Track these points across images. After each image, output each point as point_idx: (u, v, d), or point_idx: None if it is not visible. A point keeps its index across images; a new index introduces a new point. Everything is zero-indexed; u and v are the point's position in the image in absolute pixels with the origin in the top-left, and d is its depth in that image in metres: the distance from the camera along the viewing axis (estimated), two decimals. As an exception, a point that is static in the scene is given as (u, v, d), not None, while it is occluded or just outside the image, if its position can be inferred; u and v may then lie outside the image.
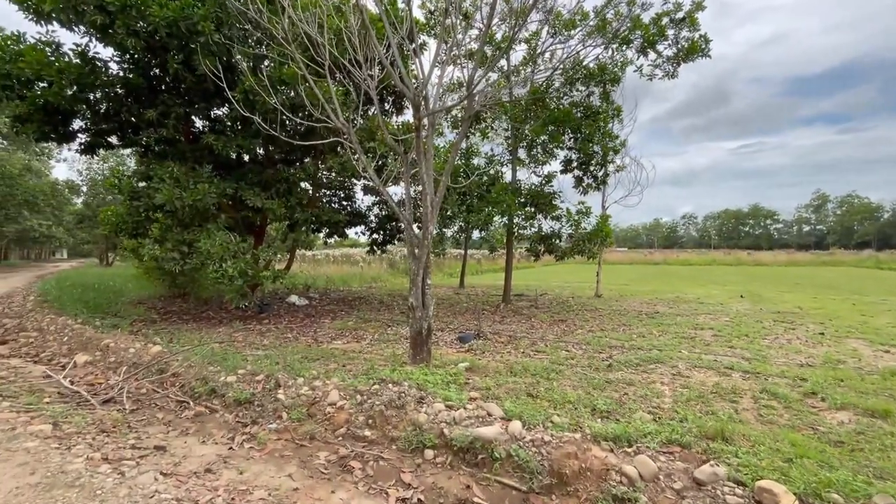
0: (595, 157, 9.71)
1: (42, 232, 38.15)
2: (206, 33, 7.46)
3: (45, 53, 7.92)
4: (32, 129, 8.53)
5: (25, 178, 28.91)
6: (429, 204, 4.91)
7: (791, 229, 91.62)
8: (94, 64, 8.09)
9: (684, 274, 25.29)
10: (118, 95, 8.59)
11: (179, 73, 7.82)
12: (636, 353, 5.78)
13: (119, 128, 9.30)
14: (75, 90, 8.08)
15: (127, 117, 8.87)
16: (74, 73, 7.81)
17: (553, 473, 2.66)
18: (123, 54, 8.19)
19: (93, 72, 8.05)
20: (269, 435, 3.51)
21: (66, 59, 8.05)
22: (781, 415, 3.70)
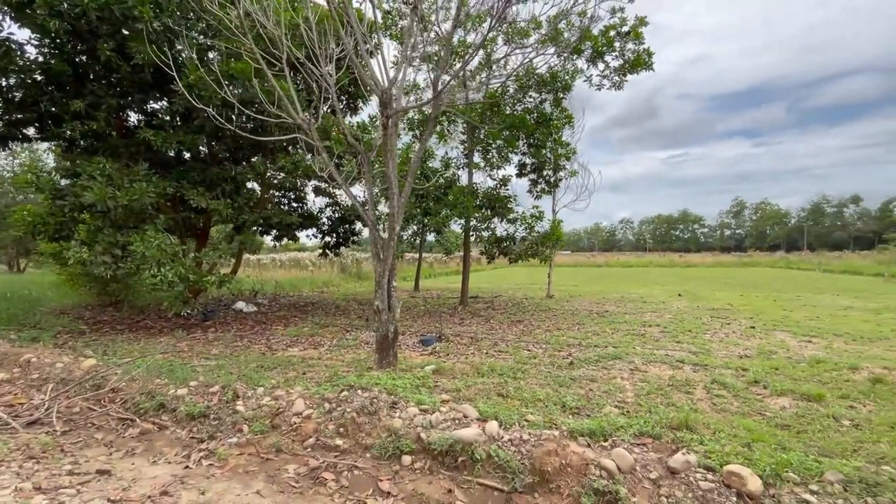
0: (548, 162, 10.02)
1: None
2: (144, 19, 6.90)
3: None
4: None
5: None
6: (395, 204, 4.81)
7: (715, 233, 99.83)
8: (7, 46, 7.23)
9: (625, 275, 26.77)
10: (37, 83, 7.75)
11: (112, 62, 7.17)
12: (594, 351, 6.00)
13: (38, 119, 8.37)
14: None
15: (48, 107, 8.01)
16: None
17: (535, 471, 2.67)
18: (44, 37, 7.38)
19: (6, 55, 7.20)
20: (229, 450, 3.25)
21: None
22: (731, 403, 3.97)
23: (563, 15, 9.36)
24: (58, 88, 7.95)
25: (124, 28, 7.08)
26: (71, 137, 8.20)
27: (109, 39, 7.08)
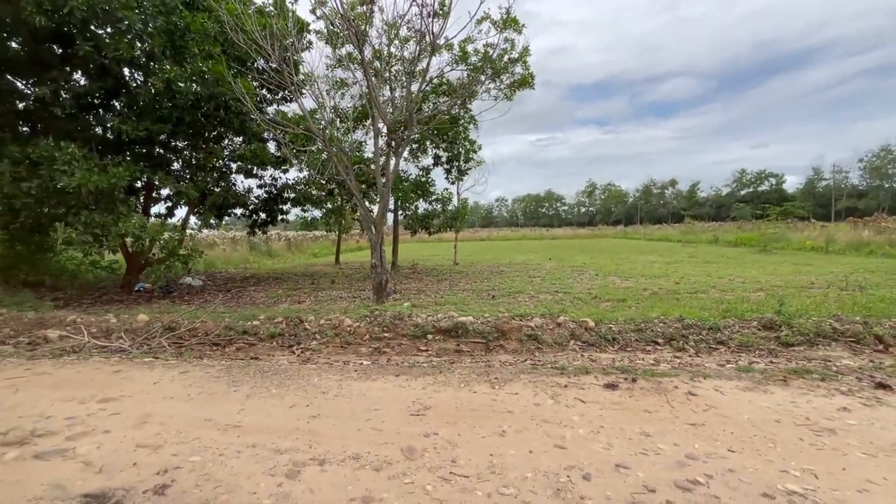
0: (460, 155, 12.82)
1: None
2: (129, 20, 7.75)
3: None
4: None
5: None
6: (385, 196, 7.06)
7: (573, 210, 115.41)
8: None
9: (506, 247, 31.51)
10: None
11: (89, 56, 7.84)
12: (504, 291, 9.03)
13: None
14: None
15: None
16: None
17: (498, 332, 5.41)
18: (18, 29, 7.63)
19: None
20: (317, 347, 5.37)
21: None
22: (584, 304, 7.24)
23: (470, 41, 12.09)
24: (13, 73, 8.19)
25: (108, 27, 7.77)
26: (28, 118, 8.48)
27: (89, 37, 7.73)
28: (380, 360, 4.74)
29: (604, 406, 3.16)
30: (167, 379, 3.91)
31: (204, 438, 2.75)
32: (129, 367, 4.31)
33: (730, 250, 20.15)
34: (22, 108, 9.14)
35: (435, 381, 3.69)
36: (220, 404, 3.30)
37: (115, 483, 2.29)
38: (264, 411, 3.15)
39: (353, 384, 3.67)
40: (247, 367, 4.21)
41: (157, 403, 3.35)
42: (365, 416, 3.05)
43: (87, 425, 2.97)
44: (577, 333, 5.38)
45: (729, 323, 5.44)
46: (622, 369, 3.93)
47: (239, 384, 3.71)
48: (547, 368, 4.05)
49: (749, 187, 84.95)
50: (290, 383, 3.70)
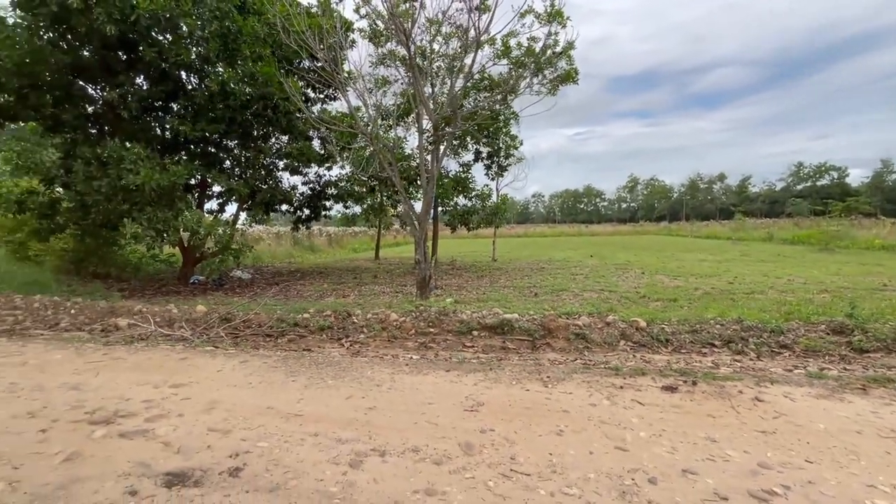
0: (501, 150, 12.71)
1: None
2: (188, 26, 8.15)
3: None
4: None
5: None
6: (429, 195, 7.11)
7: (613, 206, 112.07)
8: (48, 41, 8.01)
9: (544, 243, 31.04)
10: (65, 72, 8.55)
11: (153, 61, 8.31)
12: (546, 289, 8.91)
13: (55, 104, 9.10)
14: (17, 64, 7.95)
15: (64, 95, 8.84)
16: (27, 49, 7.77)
17: (545, 329, 5.34)
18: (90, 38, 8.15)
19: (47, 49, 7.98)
20: (365, 340, 5.49)
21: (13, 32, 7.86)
22: (632, 303, 7.03)
23: (513, 35, 11.93)
24: (85, 79, 8.80)
25: (168, 33, 8.21)
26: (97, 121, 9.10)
27: (153, 44, 8.19)
28: (427, 356, 4.79)
29: (663, 409, 3.05)
30: (229, 367, 4.11)
31: (268, 426, 2.87)
32: (193, 355, 4.57)
33: (787, 248, 18.99)
34: (91, 112, 9.83)
35: (486, 378, 3.69)
36: (280, 393, 3.43)
37: (193, 463, 2.43)
38: (322, 401, 3.25)
39: (406, 378, 3.72)
40: (301, 359, 4.37)
41: (222, 390, 3.53)
42: (420, 409, 3.09)
43: (162, 408, 3.16)
44: (627, 333, 5.23)
45: (793, 326, 5.13)
46: (680, 371, 3.78)
47: (296, 374, 3.85)
48: (600, 368, 3.96)
49: (807, 181, 79.60)
50: (344, 375, 3.80)
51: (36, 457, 2.53)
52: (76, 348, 4.88)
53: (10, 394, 3.50)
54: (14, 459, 2.51)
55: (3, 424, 2.95)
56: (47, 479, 2.31)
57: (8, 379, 3.85)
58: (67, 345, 5.05)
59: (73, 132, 9.64)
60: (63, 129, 9.65)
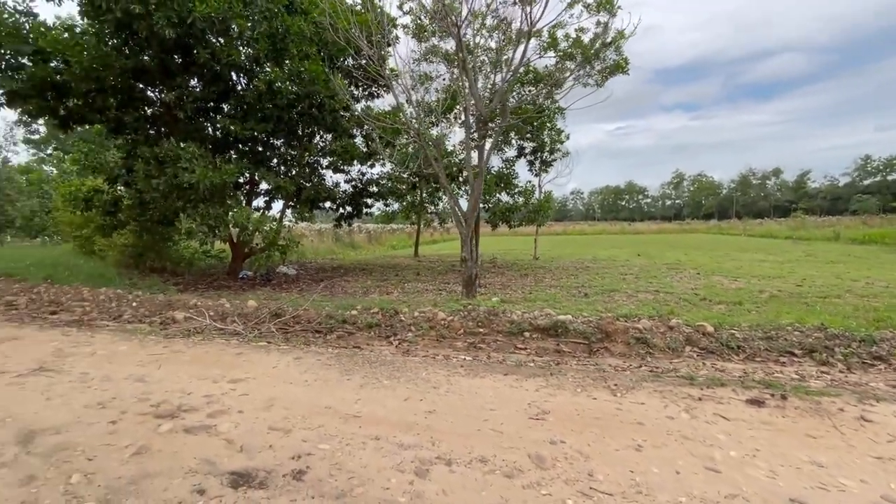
0: (546, 145, 12.35)
1: None
2: (239, 27, 8.33)
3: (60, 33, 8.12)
4: (31, 106, 8.60)
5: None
6: (476, 192, 6.94)
7: (657, 203, 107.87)
8: (112, 47, 8.41)
9: (585, 241, 30.16)
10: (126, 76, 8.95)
11: (206, 63, 8.55)
12: (596, 289, 8.54)
13: (118, 106, 9.55)
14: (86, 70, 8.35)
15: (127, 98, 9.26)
16: (94, 54, 8.16)
17: (602, 332, 5.06)
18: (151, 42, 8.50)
19: (112, 54, 8.38)
20: (413, 339, 5.40)
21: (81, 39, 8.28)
22: (693, 306, 6.59)
23: (560, 26, 11.54)
24: (145, 82, 9.18)
25: (221, 35, 8.44)
26: (156, 121, 9.49)
27: (205, 46, 8.44)
28: (479, 357, 4.63)
29: (752, 425, 2.76)
30: (283, 364, 4.12)
31: (328, 426, 2.80)
32: (248, 351, 4.62)
33: (856, 248, 17.52)
34: (150, 114, 10.28)
35: (547, 384, 3.49)
36: (336, 392, 3.38)
37: (256, 463, 2.39)
38: (379, 402, 3.16)
39: (462, 380, 3.58)
40: (354, 357, 4.32)
41: (279, 387, 3.51)
42: (481, 415, 2.94)
43: (222, 404, 3.17)
44: (693, 339, 4.87)
45: (886, 335, 4.61)
46: (763, 383, 3.44)
47: (350, 373, 3.79)
48: (670, 377, 3.67)
49: (875, 176, 73.45)
50: (399, 375, 3.71)
51: (107, 449, 2.56)
52: (139, 340, 5.06)
53: (82, 383, 3.63)
54: (88, 450, 2.55)
55: (77, 414, 3.04)
56: (119, 472, 2.33)
57: (79, 368, 4.01)
58: (131, 336, 5.25)
59: (134, 133, 10.12)
60: (125, 130, 10.16)
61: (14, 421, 2.97)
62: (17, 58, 8.28)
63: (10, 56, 8.18)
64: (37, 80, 8.10)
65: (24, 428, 2.85)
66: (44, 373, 3.92)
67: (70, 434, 2.76)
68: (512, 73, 7.34)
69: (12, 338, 5.31)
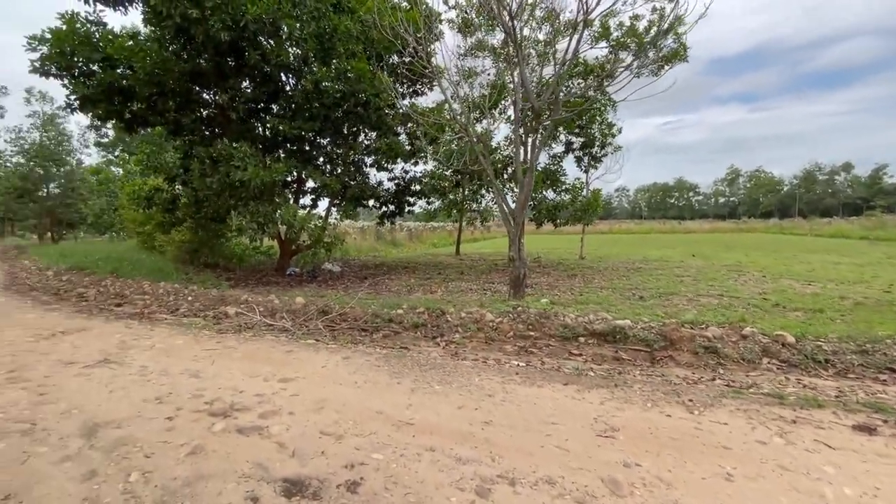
0: (596, 140, 11.82)
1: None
2: (288, 27, 8.45)
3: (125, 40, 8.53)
4: (100, 110, 9.07)
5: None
6: (526, 189, 6.67)
7: (709, 201, 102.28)
8: (172, 52, 8.77)
9: (633, 240, 28.93)
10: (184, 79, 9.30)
11: (257, 64, 8.74)
12: (651, 292, 8.03)
13: (177, 109, 9.95)
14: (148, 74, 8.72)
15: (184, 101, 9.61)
16: (156, 59, 8.50)
17: (665, 340, 4.68)
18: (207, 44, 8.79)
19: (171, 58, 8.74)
20: (461, 340, 5.23)
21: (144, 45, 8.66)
22: (765, 313, 6.02)
23: (612, 14, 10.99)
24: (199, 85, 9.52)
25: (271, 37, 8.61)
26: (210, 123, 9.82)
27: (256, 47, 8.63)
28: (532, 362, 4.38)
29: (865, 457, 2.37)
30: (332, 363, 4.05)
31: (380, 433, 2.67)
32: (297, 349, 4.61)
33: (948, 251, 15.71)
34: (206, 115, 10.67)
35: (612, 396, 3.21)
36: (387, 395, 3.26)
37: (309, 471, 2.29)
38: (433, 409, 3.00)
39: (519, 389, 3.37)
40: (403, 358, 4.20)
41: (329, 387, 3.44)
42: (542, 429, 2.71)
43: (273, 404, 3.12)
44: (771, 350, 4.40)
45: None
46: (871, 406, 3.00)
47: (400, 376, 3.66)
48: (755, 395, 3.28)
49: (964, 170, 66.03)
50: (450, 380, 3.54)
51: (164, 447, 2.55)
52: (194, 335, 5.19)
53: (142, 377, 3.71)
54: (146, 447, 2.55)
55: (136, 408, 3.08)
56: (175, 472, 2.29)
57: (139, 361, 4.12)
58: (187, 331, 5.39)
59: (191, 134, 10.55)
60: (183, 132, 10.62)
61: (79, 413, 3.04)
62: (88, 65, 8.77)
63: (82, 63, 8.67)
64: (104, 85, 8.57)
65: (88, 420, 2.91)
66: (108, 364, 4.06)
67: (130, 429, 2.78)
68: (565, 63, 6.99)
69: (82, 328, 5.60)
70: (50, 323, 5.96)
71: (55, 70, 8.57)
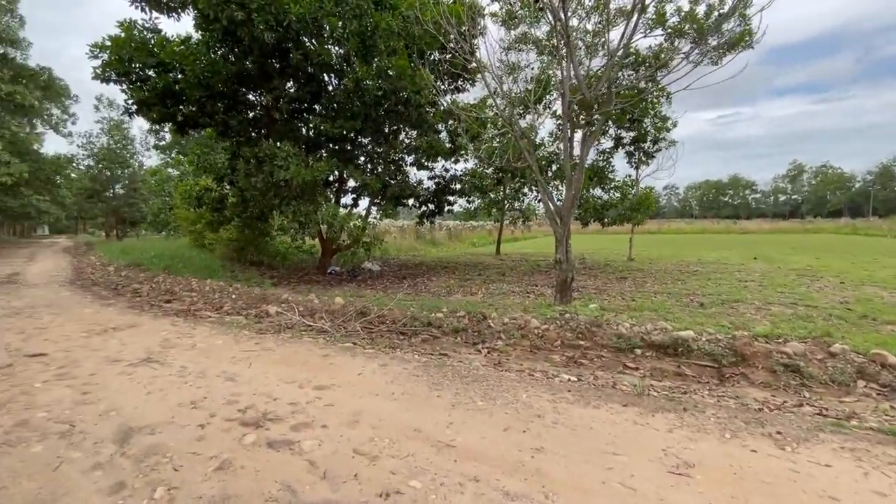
0: (649, 134, 11.10)
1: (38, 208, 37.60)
2: (330, 26, 8.40)
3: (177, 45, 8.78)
4: (155, 113, 9.39)
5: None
6: (575, 187, 6.25)
7: (768, 199, 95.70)
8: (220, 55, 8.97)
9: (684, 241, 27.34)
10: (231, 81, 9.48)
11: (300, 64, 8.76)
12: (712, 298, 7.36)
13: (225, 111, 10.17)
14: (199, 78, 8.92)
15: (232, 103, 9.80)
16: (205, 63, 8.69)
17: (736, 355, 4.17)
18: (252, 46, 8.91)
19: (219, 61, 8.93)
20: (504, 348, 4.92)
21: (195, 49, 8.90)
22: (851, 326, 5.30)
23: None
24: (245, 86, 9.68)
25: (314, 35, 8.61)
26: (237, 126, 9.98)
27: (299, 47, 8.65)
28: (583, 376, 4.00)
29: None
30: (369, 371, 3.86)
31: (418, 456, 2.42)
32: (334, 352, 4.47)
33: None
34: (252, 117, 10.89)
35: (682, 422, 2.81)
36: (425, 410, 3.01)
37: (340, 496, 2.07)
38: (475, 429, 2.72)
39: (572, 409, 3.03)
40: (442, 368, 3.94)
41: (365, 399, 3.24)
42: (602, 460, 2.37)
43: (307, 415, 2.95)
44: (867, 371, 3.80)
45: None
46: None
47: (440, 388, 3.41)
48: (861, 429, 2.77)
49: None
50: (494, 396, 3.25)
51: (193, 459, 2.42)
52: (234, 334, 5.18)
53: (180, 378, 3.66)
54: (176, 457, 2.43)
55: (171, 413, 3.00)
56: (201, 490, 2.15)
57: (180, 362, 4.11)
58: (227, 330, 5.40)
59: (238, 135, 10.80)
60: (230, 133, 10.89)
61: (117, 415, 3.00)
62: (144, 70, 9.12)
63: (139, 69, 9.03)
64: (158, 89, 8.88)
65: (123, 424, 2.85)
66: (150, 364, 4.07)
67: (162, 436, 2.69)
68: (620, 49, 6.49)
69: (132, 325, 5.74)
70: (104, 318, 6.17)
71: (114, 76, 8.98)
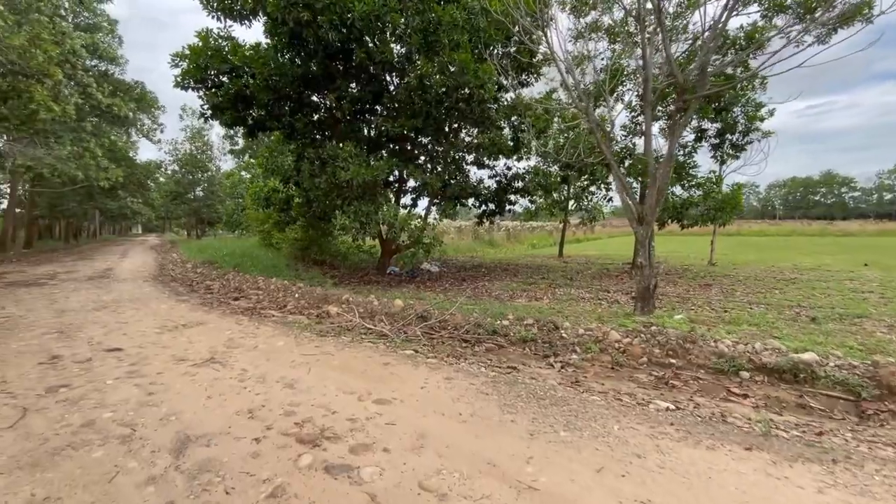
0: (737, 125, 9.92)
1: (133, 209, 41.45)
2: (393, 22, 8.24)
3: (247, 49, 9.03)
4: (227, 117, 9.73)
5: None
6: (661, 183, 5.57)
7: (870, 197, 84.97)
8: (287, 58, 9.14)
9: (770, 244, 24.69)
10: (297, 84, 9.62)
11: (363, 63, 8.68)
12: (825, 312, 6.30)
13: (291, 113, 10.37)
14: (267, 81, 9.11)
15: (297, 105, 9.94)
16: (273, 67, 8.85)
17: (881, 386, 3.36)
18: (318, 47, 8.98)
19: (286, 64, 9.10)
20: (580, 363, 4.39)
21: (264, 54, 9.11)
22: None
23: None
24: (310, 87, 9.79)
25: (376, 34, 8.50)
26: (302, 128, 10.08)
27: (362, 46, 8.58)
28: (680, 401, 3.40)
29: None
30: (433, 384, 3.53)
31: (495, 499, 2.03)
32: (395, 360, 4.19)
33: None
34: (316, 119, 11.06)
35: (833, 480, 2.19)
36: (500, 438, 2.61)
37: (404, 549, 1.73)
38: (562, 468, 2.28)
39: (680, 450, 2.49)
40: (514, 385, 3.52)
41: (430, 417, 2.90)
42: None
43: (367, 434, 2.66)
44: None
45: None
46: None
47: (513, 410, 3.00)
48: None
49: None
50: (580, 425, 2.78)
51: (246, 480, 2.20)
52: (295, 336, 5.08)
53: (240, 383, 3.54)
54: (227, 477, 2.23)
55: (228, 421, 2.85)
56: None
57: (241, 364, 4.02)
58: (289, 331, 5.33)
59: (303, 137, 11.02)
60: (296, 135, 11.15)
61: (176, 420, 2.89)
62: (218, 76, 9.51)
63: (214, 75, 9.42)
64: (231, 94, 9.21)
65: (181, 431, 2.72)
66: (212, 364, 4.02)
67: (217, 449, 2.51)
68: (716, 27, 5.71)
69: (200, 322, 5.87)
70: (177, 314, 6.38)
71: (192, 83, 9.44)
